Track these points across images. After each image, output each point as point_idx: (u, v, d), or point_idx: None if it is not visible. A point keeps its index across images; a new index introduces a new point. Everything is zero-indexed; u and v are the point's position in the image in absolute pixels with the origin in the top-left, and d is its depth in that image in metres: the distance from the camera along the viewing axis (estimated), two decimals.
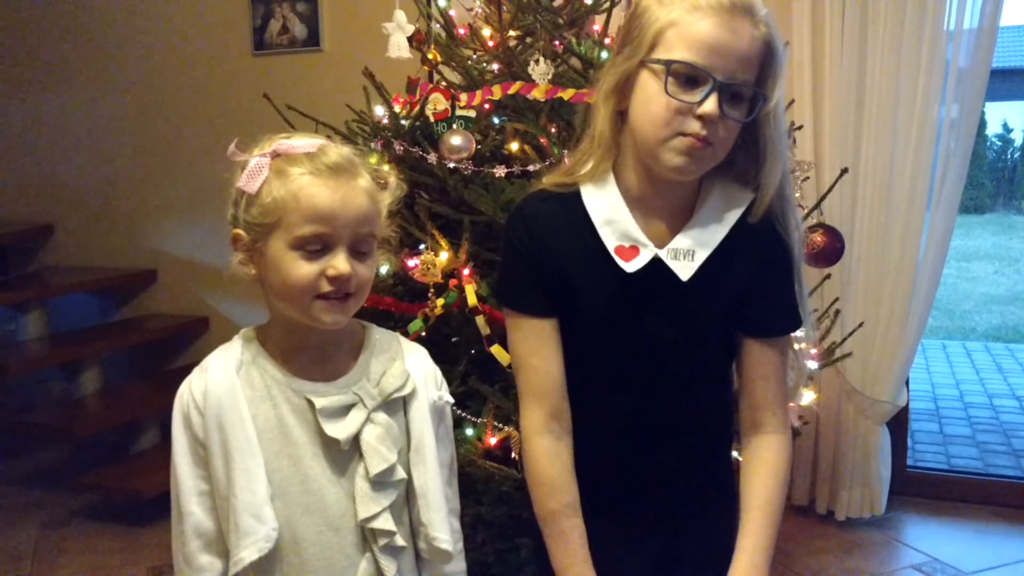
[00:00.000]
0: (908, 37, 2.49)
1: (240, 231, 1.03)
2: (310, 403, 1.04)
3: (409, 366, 1.11)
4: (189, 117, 3.49)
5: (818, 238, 1.99)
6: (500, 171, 1.83)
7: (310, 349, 1.07)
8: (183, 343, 3.60)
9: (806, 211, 2.14)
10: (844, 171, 2.23)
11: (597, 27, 2.16)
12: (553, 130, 1.87)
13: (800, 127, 2.49)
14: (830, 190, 2.26)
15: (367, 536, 1.06)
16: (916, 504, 2.90)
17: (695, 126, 1.00)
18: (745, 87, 1.01)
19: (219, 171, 1.08)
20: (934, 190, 2.55)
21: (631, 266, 1.07)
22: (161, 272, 3.65)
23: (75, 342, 3.35)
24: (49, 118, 3.73)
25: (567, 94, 1.86)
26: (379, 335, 1.13)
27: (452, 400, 1.17)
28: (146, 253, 3.65)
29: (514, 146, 1.87)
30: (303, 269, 1.00)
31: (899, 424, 2.88)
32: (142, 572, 2.50)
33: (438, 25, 2.17)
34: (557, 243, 1.11)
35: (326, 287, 1.00)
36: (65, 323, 3.54)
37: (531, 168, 1.82)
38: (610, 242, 1.08)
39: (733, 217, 1.09)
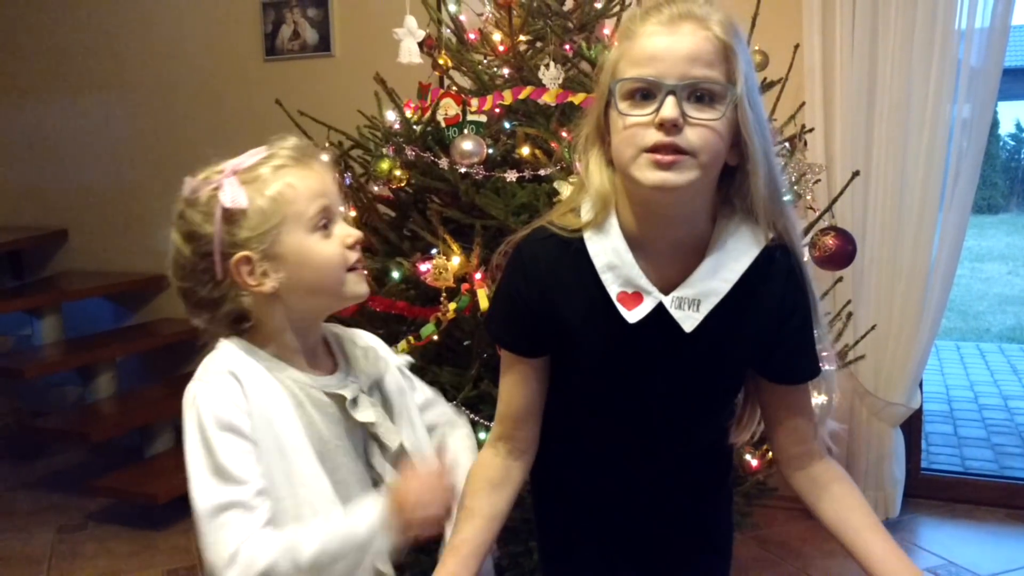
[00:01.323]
0: (919, 37, 2.48)
1: (245, 253, 1.02)
2: (330, 397, 1.07)
3: (368, 344, 1.18)
4: (201, 122, 3.51)
5: (830, 241, 1.97)
6: (511, 175, 1.84)
7: (306, 350, 1.10)
8: (197, 347, 3.59)
9: (818, 214, 2.13)
10: (856, 174, 2.22)
11: (607, 31, 2.16)
12: (564, 134, 1.87)
13: (811, 130, 2.48)
14: (842, 192, 2.25)
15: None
16: (930, 507, 2.88)
17: (655, 137, 0.94)
18: (704, 83, 0.95)
19: None
20: (946, 190, 2.54)
21: (633, 316, 1.01)
22: None
23: (90, 346, 3.37)
24: (63, 124, 3.76)
25: (578, 98, 1.87)
26: (332, 329, 1.18)
27: (410, 359, 1.25)
28: (159, 258, 3.57)
29: (525, 150, 1.88)
30: (330, 247, 1.04)
31: (913, 426, 2.86)
32: (158, 575, 2.52)
33: (448, 30, 2.18)
34: (558, 288, 1.06)
35: (352, 256, 1.05)
36: (80, 327, 3.56)
37: (542, 172, 1.83)
38: (612, 288, 1.02)
39: (747, 261, 1.02)
